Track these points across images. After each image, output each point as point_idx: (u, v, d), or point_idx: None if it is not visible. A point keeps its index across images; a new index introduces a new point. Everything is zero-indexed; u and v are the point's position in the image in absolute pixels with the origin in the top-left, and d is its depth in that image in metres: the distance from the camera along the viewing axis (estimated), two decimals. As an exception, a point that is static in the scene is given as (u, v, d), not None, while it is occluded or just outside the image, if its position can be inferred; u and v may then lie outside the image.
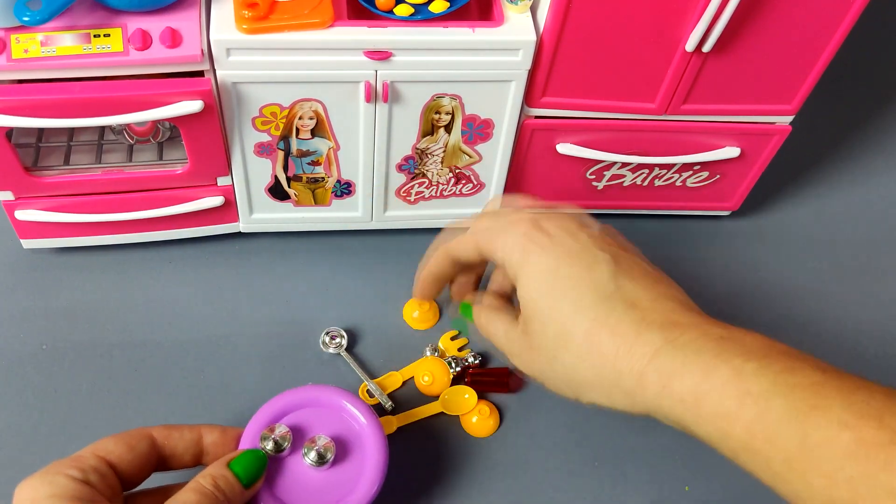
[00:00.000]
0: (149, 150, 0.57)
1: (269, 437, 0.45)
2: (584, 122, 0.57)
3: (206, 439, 0.44)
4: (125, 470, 0.41)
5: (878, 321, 0.64)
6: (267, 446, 0.44)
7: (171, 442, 0.43)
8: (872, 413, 0.30)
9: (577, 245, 0.41)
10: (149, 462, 0.42)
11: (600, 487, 0.52)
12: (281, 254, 0.63)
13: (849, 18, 0.51)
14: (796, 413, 0.32)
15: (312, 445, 0.45)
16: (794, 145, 0.64)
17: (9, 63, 0.45)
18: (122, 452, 0.41)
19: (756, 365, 0.34)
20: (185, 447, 0.43)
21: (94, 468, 0.39)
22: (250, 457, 0.43)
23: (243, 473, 0.42)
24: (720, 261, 0.67)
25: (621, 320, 0.37)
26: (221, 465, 0.42)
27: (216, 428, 0.45)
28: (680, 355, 0.35)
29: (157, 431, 0.43)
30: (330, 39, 0.48)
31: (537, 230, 0.41)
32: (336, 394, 0.48)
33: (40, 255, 0.61)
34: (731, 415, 0.33)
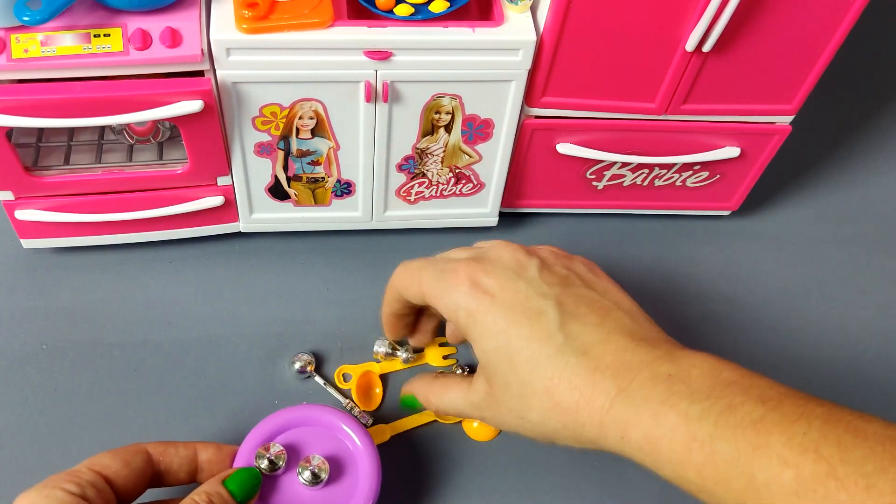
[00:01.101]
0: (149, 149, 0.57)
1: (264, 455, 0.45)
2: (584, 122, 0.57)
3: (201, 456, 0.45)
4: (121, 485, 0.41)
5: (879, 321, 0.64)
6: (262, 465, 0.45)
7: (166, 458, 0.43)
8: (810, 445, 0.31)
9: (519, 298, 0.40)
10: (144, 478, 0.42)
11: (600, 488, 0.52)
12: (281, 254, 0.63)
13: (849, 18, 0.51)
14: (739, 455, 0.32)
15: (307, 465, 0.45)
16: (794, 145, 0.64)
17: (9, 63, 0.45)
18: (118, 468, 0.41)
19: (700, 408, 0.34)
20: (181, 463, 0.44)
21: (90, 483, 0.39)
22: (245, 475, 0.43)
23: (238, 491, 0.42)
24: (720, 261, 0.67)
25: (576, 372, 0.38)
26: (216, 483, 0.42)
27: (211, 445, 0.45)
28: (632, 404, 0.36)
29: (152, 447, 0.43)
30: (330, 39, 0.48)
31: (476, 290, 0.41)
32: (331, 414, 0.48)
33: (40, 255, 0.61)
34: (683, 460, 0.34)
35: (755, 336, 0.62)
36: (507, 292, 0.40)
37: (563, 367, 0.38)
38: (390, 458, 0.52)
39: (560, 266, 0.43)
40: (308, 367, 0.55)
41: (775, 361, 0.60)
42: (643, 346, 0.38)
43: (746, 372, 0.36)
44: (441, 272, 0.43)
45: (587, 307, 0.40)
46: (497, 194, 0.61)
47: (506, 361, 0.40)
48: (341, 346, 0.57)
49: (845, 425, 0.32)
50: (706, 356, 0.37)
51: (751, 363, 0.59)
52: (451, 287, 0.42)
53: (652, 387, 0.36)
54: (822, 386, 0.59)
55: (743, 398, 0.34)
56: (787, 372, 0.59)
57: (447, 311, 0.42)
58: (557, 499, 0.52)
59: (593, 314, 0.40)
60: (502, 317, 0.40)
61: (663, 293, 0.64)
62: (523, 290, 0.40)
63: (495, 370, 0.40)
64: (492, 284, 0.41)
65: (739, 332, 0.62)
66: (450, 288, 0.42)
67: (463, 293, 0.41)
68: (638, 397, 0.36)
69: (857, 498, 0.29)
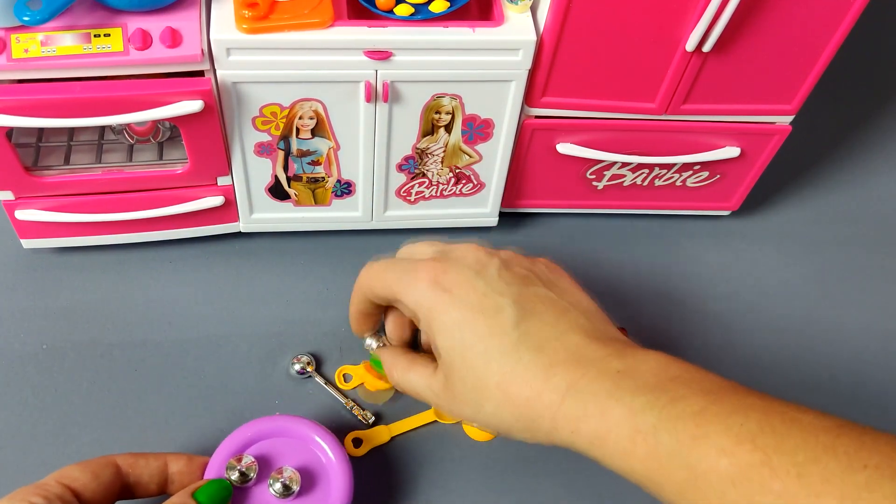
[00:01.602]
0: (149, 149, 0.57)
1: (235, 466, 0.44)
2: (584, 122, 0.57)
3: (171, 468, 0.44)
4: (89, 498, 0.41)
5: (879, 321, 0.64)
6: (232, 476, 0.44)
7: (136, 470, 0.43)
8: (747, 436, 0.32)
9: (477, 295, 0.41)
10: (113, 490, 0.42)
11: (600, 487, 0.52)
12: (281, 254, 0.63)
13: (849, 18, 0.51)
14: (680, 446, 0.33)
15: (279, 476, 0.45)
16: (794, 145, 0.64)
17: (9, 63, 0.45)
18: (86, 480, 0.41)
19: (644, 400, 0.35)
20: (151, 475, 0.44)
21: (58, 496, 0.39)
22: (215, 487, 0.43)
23: (208, 503, 0.42)
24: (720, 261, 0.67)
25: (528, 367, 0.38)
26: (185, 495, 0.42)
27: (182, 456, 0.45)
28: (581, 399, 0.37)
29: (121, 459, 0.43)
30: (330, 39, 0.48)
31: (436, 287, 0.41)
32: (304, 425, 0.48)
33: (40, 255, 0.61)
34: (629, 452, 0.35)
35: (754, 336, 0.62)
36: (465, 290, 0.41)
37: (516, 363, 0.39)
38: (390, 459, 0.52)
39: (520, 266, 0.44)
40: (308, 367, 0.55)
41: (774, 361, 0.60)
42: (596, 344, 0.39)
43: (693, 367, 0.37)
44: (404, 272, 0.43)
45: (544, 305, 0.41)
46: (497, 194, 0.61)
47: (460, 357, 0.40)
48: (341, 346, 0.57)
49: (781, 416, 0.33)
50: (657, 354, 0.38)
51: (750, 363, 0.60)
52: (413, 285, 0.42)
53: (600, 382, 0.37)
54: (821, 386, 0.59)
55: (686, 391, 0.35)
56: (786, 372, 0.59)
57: (410, 309, 0.43)
58: (557, 499, 0.52)
59: (549, 312, 0.41)
60: (459, 313, 0.40)
61: (663, 293, 0.64)
62: (481, 288, 0.41)
63: (452, 365, 0.41)
64: (450, 282, 0.41)
65: (738, 332, 0.62)
66: (411, 286, 0.42)
67: (423, 290, 0.42)
68: (587, 392, 0.37)
69: (790, 487, 0.30)
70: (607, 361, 0.38)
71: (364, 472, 0.51)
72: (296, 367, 0.55)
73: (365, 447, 0.52)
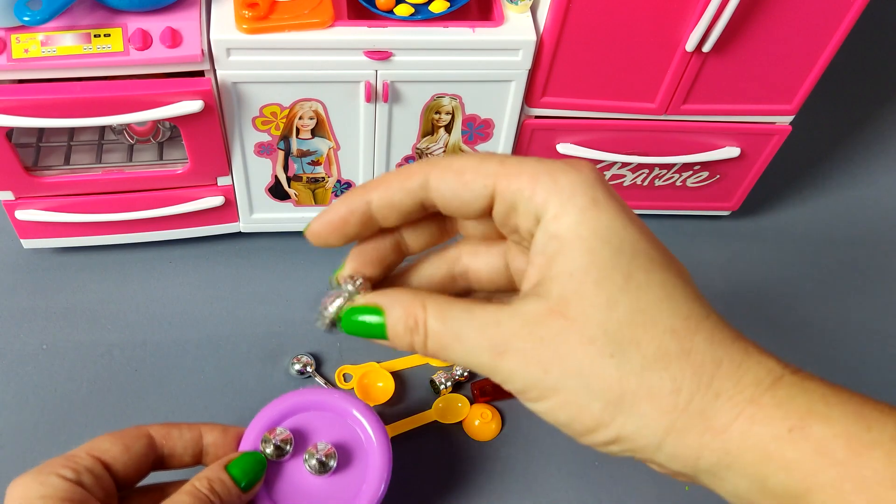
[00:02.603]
0: (149, 149, 0.57)
1: (270, 440, 0.43)
2: (584, 122, 0.57)
3: (206, 439, 0.43)
4: (120, 470, 0.39)
5: (879, 321, 0.64)
6: (267, 450, 0.43)
7: (169, 441, 0.42)
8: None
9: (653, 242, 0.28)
10: (146, 462, 0.41)
11: (600, 487, 0.52)
12: (281, 254, 0.63)
13: (849, 18, 0.51)
14: None
15: (314, 452, 0.43)
16: (794, 145, 0.64)
17: (9, 63, 0.45)
18: (117, 452, 0.39)
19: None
20: (185, 447, 0.42)
21: (87, 468, 0.38)
22: (249, 460, 0.42)
23: (241, 477, 0.41)
24: (720, 261, 0.67)
25: (720, 328, 0.27)
26: (219, 468, 0.41)
27: (217, 427, 0.44)
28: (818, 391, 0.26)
29: (155, 430, 0.42)
30: (330, 39, 0.48)
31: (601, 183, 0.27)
32: (342, 399, 0.46)
33: (40, 255, 0.61)
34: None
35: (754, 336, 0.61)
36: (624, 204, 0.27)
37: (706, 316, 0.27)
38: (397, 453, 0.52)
39: None
40: (308, 367, 0.55)
41: (775, 361, 0.60)
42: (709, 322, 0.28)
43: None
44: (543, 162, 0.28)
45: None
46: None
47: (624, 273, 0.26)
48: (341, 346, 0.57)
49: None
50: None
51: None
52: (571, 167, 0.27)
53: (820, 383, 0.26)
54: (822, 386, 0.59)
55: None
56: (787, 372, 0.59)
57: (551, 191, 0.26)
58: (557, 499, 0.52)
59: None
60: (634, 225, 0.27)
61: (663, 293, 0.64)
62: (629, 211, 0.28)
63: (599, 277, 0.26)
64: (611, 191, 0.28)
65: (739, 332, 0.62)
66: (571, 169, 0.27)
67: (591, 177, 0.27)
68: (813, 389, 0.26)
69: None
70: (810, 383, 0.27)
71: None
72: (296, 367, 0.55)
73: (365, 447, 0.52)
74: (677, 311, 0.27)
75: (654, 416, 0.25)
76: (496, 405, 0.55)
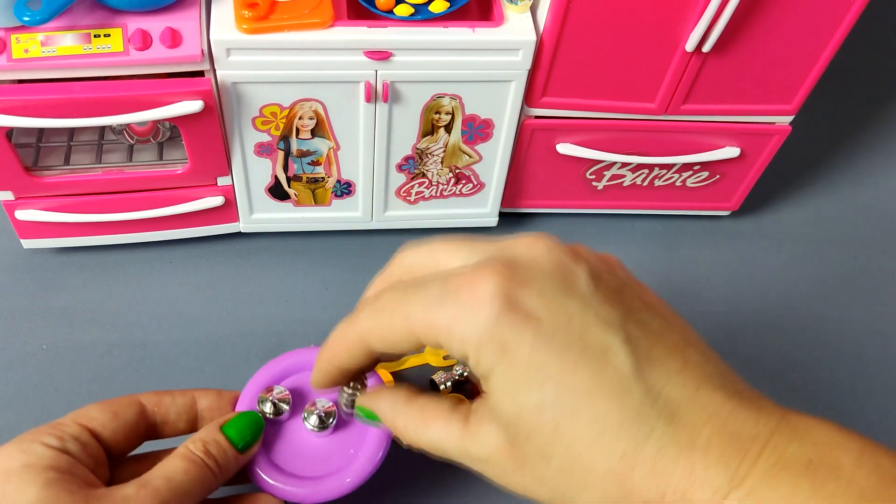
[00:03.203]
0: (149, 150, 0.57)
1: (267, 399, 0.41)
2: (584, 122, 0.57)
3: (200, 404, 0.41)
4: (110, 438, 0.38)
5: (878, 321, 0.64)
6: (265, 409, 0.41)
7: (161, 409, 0.40)
8: None
9: (576, 325, 0.27)
10: (137, 430, 0.39)
11: (600, 487, 0.52)
12: (281, 254, 0.63)
13: (849, 18, 0.51)
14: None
15: (313, 409, 0.42)
16: (794, 145, 0.64)
17: (9, 63, 0.45)
18: (106, 420, 0.38)
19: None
20: (178, 413, 0.41)
21: (74, 436, 0.36)
22: (246, 419, 0.40)
23: (238, 437, 0.39)
24: (720, 261, 0.67)
25: (663, 451, 0.26)
26: (213, 429, 0.39)
27: (211, 392, 0.42)
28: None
29: (146, 398, 0.40)
30: (330, 39, 0.48)
31: (512, 310, 0.27)
32: None
33: (40, 255, 0.61)
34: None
35: (755, 336, 0.62)
36: (560, 315, 0.27)
37: (645, 438, 0.26)
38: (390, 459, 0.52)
39: (610, 274, 0.30)
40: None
41: (775, 362, 0.60)
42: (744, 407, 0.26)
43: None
44: (445, 291, 0.28)
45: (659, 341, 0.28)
46: (497, 194, 0.61)
47: (551, 424, 0.27)
48: (341, 346, 0.57)
49: None
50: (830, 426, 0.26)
51: (750, 363, 0.59)
52: (470, 309, 0.27)
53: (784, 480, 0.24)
54: (821, 386, 0.59)
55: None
56: (786, 372, 0.59)
57: (465, 346, 0.28)
58: (557, 499, 0.52)
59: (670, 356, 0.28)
60: (554, 357, 0.27)
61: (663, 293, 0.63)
62: (578, 313, 0.27)
63: (530, 432, 0.27)
64: (534, 304, 0.27)
65: (739, 333, 0.62)
66: (467, 311, 0.27)
67: (490, 318, 0.27)
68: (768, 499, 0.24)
69: None
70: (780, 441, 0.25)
71: (364, 472, 0.51)
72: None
73: (365, 447, 0.52)
74: (612, 450, 0.26)
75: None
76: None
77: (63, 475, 0.34)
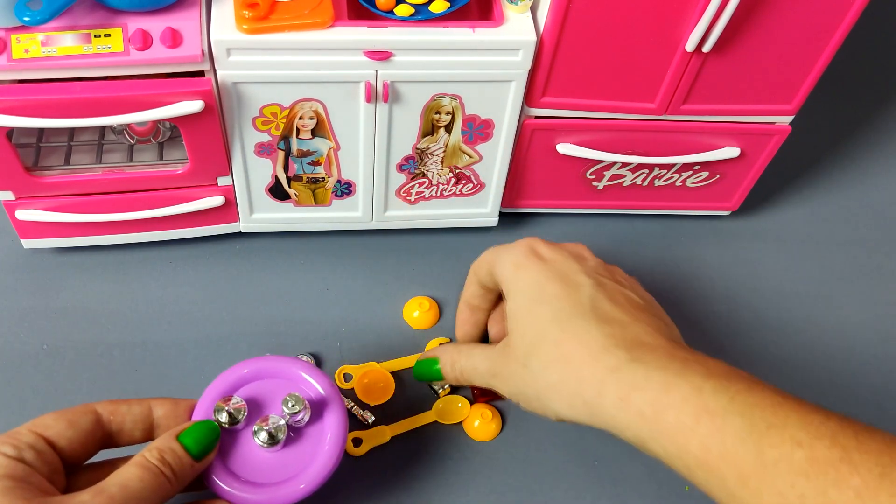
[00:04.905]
0: (149, 150, 0.57)
1: (223, 408, 0.42)
2: (584, 122, 0.57)
3: (156, 412, 0.42)
4: (66, 447, 0.38)
5: (879, 321, 0.64)
6: (221, 418, 0.42)
7: (117, 417, 0.41)
8: (826, 433, 0.32)
9: (565, 268, 0.43)
10: (93, 439, 0.40)
11: (600, 487, 0.52)
12: (281, 254, 0.63)
13: (849, 18, 0.51)
14: (752, 430, 0.33)
15: (264, 425, 0.42)
16: (793, 145, 0.64)
17: (9, 63, 0.45)
18: (61, 429, 0.39)
19: (715, 384, 0.35)
20: (134, 421, 0.41)
21: (29, 445, 0.37)
22: (202, 428, 0.40)
23: (194, 445, 0.39)
24: (720, 261, 0.67)
25: (590, 333, 0.39)
26: (170, 438, 0.40)
27: (167, 400, 0.43)
28: (642, 369, 0.37)
29: (101, 406, 0.41)
30: (330, 39, 0.48)
31: (532, 253, 0.45)
32: (293, 364, 0.46)
33: (40, 255, 0.61)
34: (688, 430, 0.34)
35: (755, 336, 0.62)
36: (557, 263, 0.44)
37: (580, 327, 0.40)
38: (390, 459, 0.52)
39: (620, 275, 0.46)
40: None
41: (774, 361, 0.60)
42: (667, 338, 0.40)
43: (759, 379, 0.37)
44: (504, 247, 0.47)
45: (624, 298, 0.42)
46: (497, 194, 0.61)
47: (528, 313, 0.42)
48: (341, 346, 0.57)
49: (861, 426, 0.32)
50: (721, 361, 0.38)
51: (750, 363, 0.59)
52: (509, 251, 0.46)
53: (667, 361, 0.37)
54: (821, 386, 0.59)
55: (760, 387, 0.35)
56: (786, 372, 0.59)
57: (500, 268, 0.45)
58: (556, 499, 0.52)
59: (628, 305, 0.42)
60: (543, 275, 0.43)
61: (663, 293, 0.64)
62: (572, 267, 0.44)
63: (518, 321, 0.42)
64: (545, 253, 0.45)
65: (739, 332, 0.62)
66: (507, 252, 0.46)
67: (518, 253, 0.45)
68: (650, 366, 0.37)
69: (871, 483, 0.29)
70: (674, 350, 0.38)
71: (364, 472, 0.51)
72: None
73: (365, 447, 0.52)
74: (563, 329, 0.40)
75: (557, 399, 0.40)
76: (496, 405, 0.55)
77: (18, 483, 0.35)
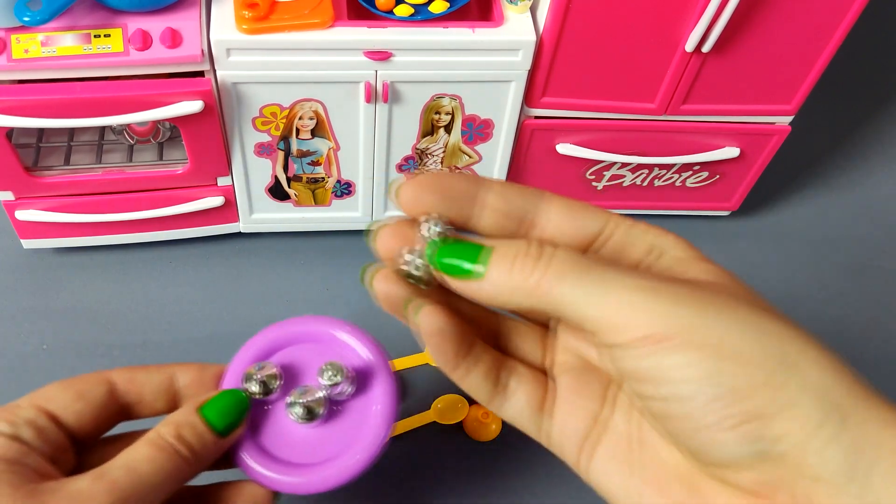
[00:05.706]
0: (149, 150, 0.57)
1: (253, 376, 0.35)
2: (584, 122, 0.57)
3: (179, 381, 0.36)
4: (73, 422, 0.33)
5: (878, 321, 0.64)
6: (251, 388, 0.35)
7: (135, 387, 0.35)
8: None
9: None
10: (106, 412, 0.34)
11: (600, 487, 0.52)
12: (281, 254, 0.63)
13: (849, 18, 0.51)
14: None
15: (300, 398, 0.35)
16: (793, 145, 0.64)
17: (9, 63, 0.45)
18: (68, 401, 0.33)
19: None
20: (155, 391, 0.35)
21: (28, 421, 0.32)
22: (228, 399, 0.34)
23: (217, 419, 0.33)
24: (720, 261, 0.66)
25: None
26: (189, 411, 0.34)
27: (192, 366, 0.36)
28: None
29: (117, 374, 0.35)
30: (330, 40, 0.48)
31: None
32: (335, 326, 0.39)
33: (40, 255, 0.61)
34: None
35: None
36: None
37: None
38: (390, 459, 0.52)
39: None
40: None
41: (775, 361, 0.60)
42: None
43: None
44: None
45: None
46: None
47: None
48: (341, 346, 0.57)
49: None
50: None
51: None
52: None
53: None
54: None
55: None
56: (786, 372, 0.60)
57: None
58: (557, 499, 0.52)
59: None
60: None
61: (663, 293, 0.64)
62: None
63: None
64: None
65: (739, 332, 0.62)
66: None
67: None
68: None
69: None
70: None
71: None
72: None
73: (365, 447, 0.52)
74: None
75: None
76: (496, 405, 0.55)
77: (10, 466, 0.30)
